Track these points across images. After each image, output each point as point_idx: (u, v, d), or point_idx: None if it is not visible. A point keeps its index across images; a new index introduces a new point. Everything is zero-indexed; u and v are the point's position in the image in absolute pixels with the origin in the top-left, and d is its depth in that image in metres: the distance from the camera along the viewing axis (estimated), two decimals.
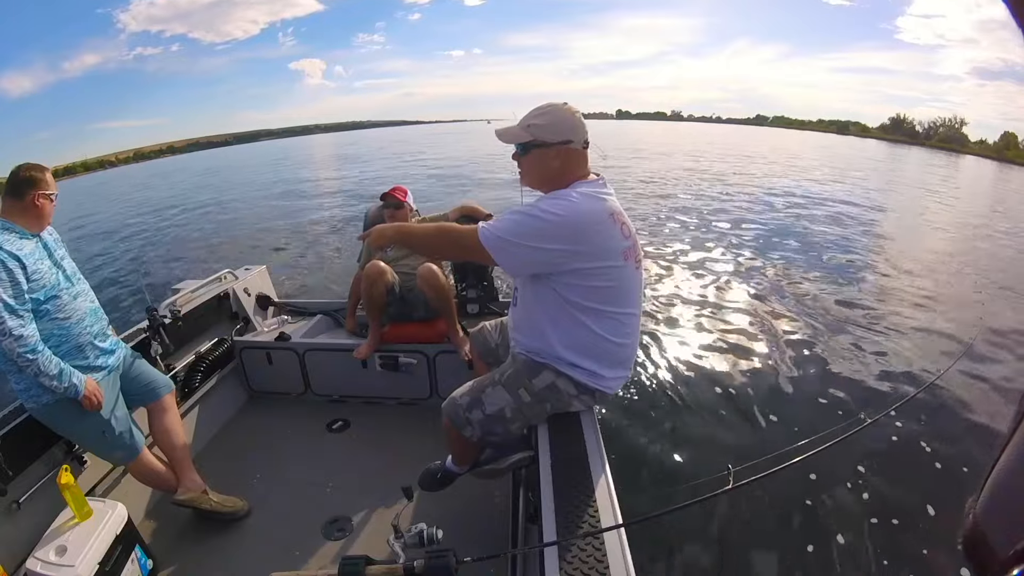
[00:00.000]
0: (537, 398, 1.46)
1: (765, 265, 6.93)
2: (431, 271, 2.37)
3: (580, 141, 1.38)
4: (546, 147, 1.37)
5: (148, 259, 8.70)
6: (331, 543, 1.86)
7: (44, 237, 1.70)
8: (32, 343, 1.53)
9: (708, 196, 13.08)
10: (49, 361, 1.56)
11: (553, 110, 1.38)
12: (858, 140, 73.86)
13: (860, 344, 4.53)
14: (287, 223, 10.66)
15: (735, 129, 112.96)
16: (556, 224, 1.29)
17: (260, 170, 27.81)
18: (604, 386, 1.47)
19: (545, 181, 1.42)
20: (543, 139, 1.37)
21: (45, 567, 1.44)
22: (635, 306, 1.46)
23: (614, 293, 1.38)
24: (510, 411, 1.47)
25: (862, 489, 2.70)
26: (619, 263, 1.36)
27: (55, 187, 1.70)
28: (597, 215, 1.33)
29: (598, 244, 1.33)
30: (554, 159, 1.37)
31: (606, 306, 1.39)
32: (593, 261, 1.33)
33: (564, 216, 1.29)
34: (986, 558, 0.34)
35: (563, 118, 1.37)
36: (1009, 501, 0.36)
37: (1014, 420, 0.37)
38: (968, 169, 33.80)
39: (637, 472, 2.82)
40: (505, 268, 1.44)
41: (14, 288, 1.51)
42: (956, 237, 9.99)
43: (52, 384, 1.57)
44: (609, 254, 1.34)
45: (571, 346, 1.43)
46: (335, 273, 6.59)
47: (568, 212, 1.29)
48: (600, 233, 1.32)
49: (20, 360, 1.51)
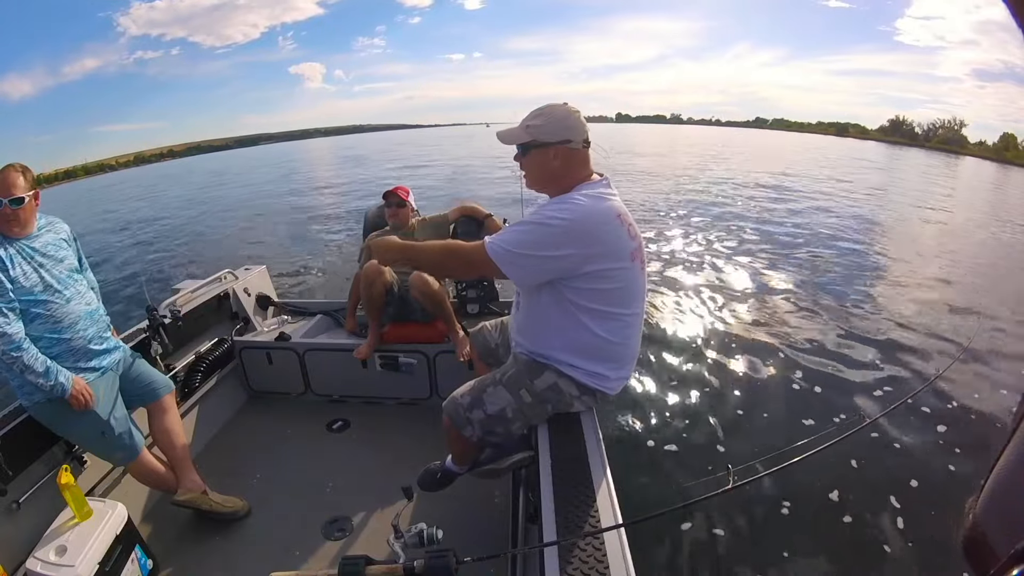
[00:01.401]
0: (539, 399, 1.46)
1: (764, 266, 6.93)
2: (422, 279, 2.36)
3: (580, 140, 1.37)
4: (545, 147, 1.36)
5: (148, 259, 8.70)
6: (331, 543, 1.86)
7: (22, 243, 1.64)
8: (16, 341, 1.52)
9: (710, 195, 13.08)
10: (35, 359, 1.56)
11: (551, 110, 1.38)
12: (857, 142, 73.77)
13: (859, 344, 4.53)
14: (287, 223, 10.66)
15: (735, 132, 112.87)
16: (564, 229, 1.27)
17: (262, 172, 27.80)
18: (606, 387, 1.47)
19: (547, 182, 1.42)
20: (542, 139, 1.36)
21: (45, 567, 1.44)
22: (639, 307, 1.45)
23: (619, 295, 1.38)
24: (511, 411, 1.46)
25: (862, 489, 2.70)
26: (626, 264, 1.35)
27: (23, 189, 1.60)
28: (604, 215, 1.32)
29: (608, 245, 1.31)
30: (554, 159, 1.36)
31: (611, 307, 1.38)
32: (603, 263, 1.31)
33: (571, 220, 1.28)
34: (986, 558, 0.34)
35: (561, 118, 1.37)
36: (1009, 501, 0.36)
37: (1014, 420, 0.37)
38: (967, 170, 33.78)
39: (637, 472, 2.82)
40: (516, 281, 1.40)
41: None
42: (955, 238, 9.99)
43: (39, 382, 1.57)
44: (618, 255, 1.33)
45: (574, 348, 1.42)
46: (335, 273, 6.60)
47: (575, 215, 1.28)
48: (609, 234, 1.31)
49: (5, 358, 1.52)
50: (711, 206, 11.57)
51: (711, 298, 5.66)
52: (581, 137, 1.37)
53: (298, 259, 7.69)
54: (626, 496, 1.19)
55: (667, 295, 5.71)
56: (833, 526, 2.49)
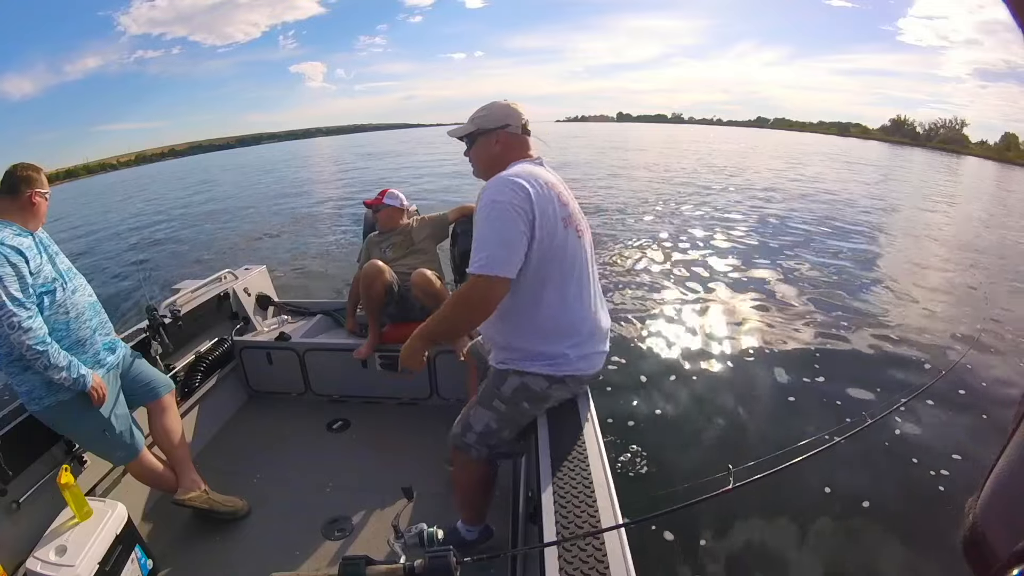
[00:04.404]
0: (511, 403, 1.48)
1: (765, 266, 6.93)
2: (425, 277, 2.36)
3: (517, 125, 1.47)
4: (487, 133, 1.48)
5: (148, 259, 8.70)
6: (331, 543, 1.86)
7: (38, 235, 1.71)
8: (41, 335, 1.53)
9: (713, 194, 13.08)
10: (58, 353, 1.57)
11: (492, 103, 1.51)
12: (859, 141, 73.70)
13: (860, 344, 4.53)
14: (287, 223, 10.66)
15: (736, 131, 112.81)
16: (511, 197, 1.30)
17: (263, 172, 27.80)
18: (576, 369, 1.47)
19: (490, 166, 1.48)
20: (485, 127, 1.48)
21: (45, 567, 1.44)
22: (583, 276, 1.46)
23: (559, 265, 1.39)
24: (495, 423, 1.51)
25: (862, 489, 2.70)
26: (561, 230, 1.37)
27: (48, 187, 1.73)
28: (534, 176, 1.35)
29: (542, 209, 1.32)
30: (495, 144, 1.47)
31: (554, 278, 1.39)
32: (539, 231, 1.32)
33: (510, 186, 1.31)
34: (986, 558, 0.34)
35: (500, 107, 1.49)
36: (1009, 501, 0.36)
37: (1014, 420, 0.37)
38: (969, 169, 33.76)
39: (637, 472, 2.82)
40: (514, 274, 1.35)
41: (19, 281, 1.52)
42: (956, 238, 9.98)
43: (61, 376, 1.57)
44: (552, 220, 1.35)
45: (531, 332, 1.43)
46: (335, 273, 6.60)
47: (508, 182, 1.32)
48: (542, 196, 1.33)
49: (29, 353, 1.51)
50: (711, 206, 11.56)
51: (712, 298, 5.66)
52: (519, 122, 1.47)
53: (298, 259, 7.69)
54: (626, 496, 1.19)
55: (667, 295, 5.71)
56: (833, 526, 2.49)
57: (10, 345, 1.51)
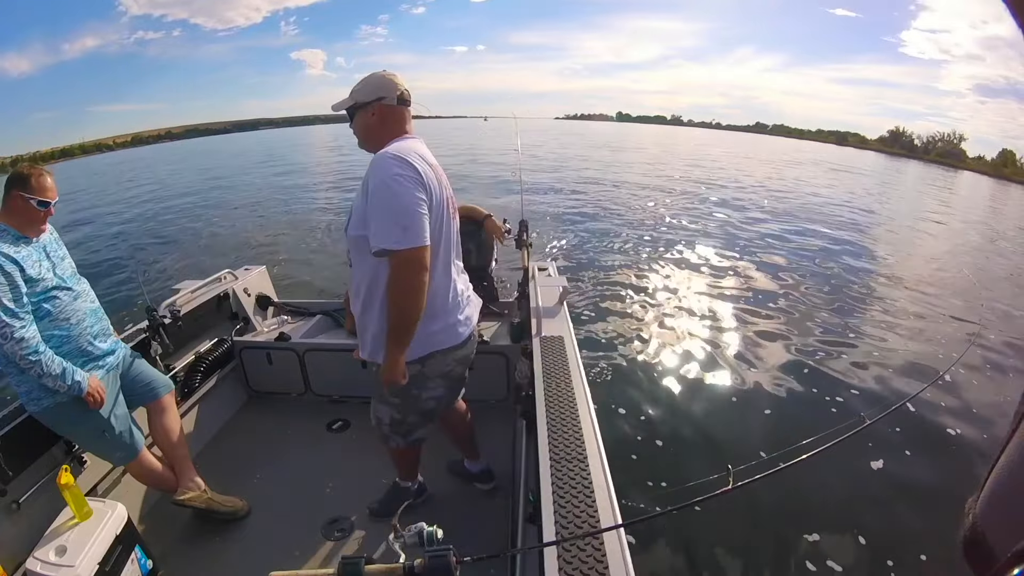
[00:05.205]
0: (399, 394, 1.57)
1: (766, 268, 6.94)
2: None
3: (393, 97, 1.47)
4: (364, 106, 1.49)
5: (148, 259, 8.69)
6: (331, 543, 1.86)
7: (44, 238, 1.69)
8: (34, 345, 1.52)
9: (712, 198, 13.08)
10: (52, 361, 1.56)
11: (369, 76, 1.51)
12: (856, 151, 73.50)
13: (860, 345, 4.53)
14: (287, 223, 10.65)
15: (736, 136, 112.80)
16: (406, 170, 1.33)
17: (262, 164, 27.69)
18: (442, 341, 1.52)
19: (369, 139, 1.51)
20: (361, 100, 1.49)
21: (45, 567, 1.44)
22: (455, 258, 1.55)
23: (443, 248, 1.45)
24: (398, 413, 1.63)
25: (862, 489, 2.70)
26: (444, 210, 1.44)
27: (48, 193, 1.63)
28: (419, 154, 1.40)
29: (430, 186, 1.38)
30: (372, 116, 1.48)
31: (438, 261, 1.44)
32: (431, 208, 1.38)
33: (399, 162, 1.34)
34: (986, 558, 0.34)
35: (376, 79, 1.49)
36: (1009, 501, 0.36)
37: (1014, 420, 0.37)
38: (964, 184, 33.75)
39: (637, 472, 2.82)
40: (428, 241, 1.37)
41: (13, 291, 1.51)
42: (955, 243, 9.99)
43: (56, 384, 1.57)
44: (440, 198, 1.41)
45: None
46: (335, 273, 6.59)
47: (397, 159, 1.34)
48: (428, 175, 1.38)
49: (23, 363, 1.51)
50: (710, 206, 11.56)
51: (712, 299, 5.66)
52: (394, 94, 1.47)
53: (298, 259, 7.69)
54: (626, 496, 1.19)
55: (668, 295, 5.71)
56: (832, 527, 2.49)
57: (4, 353, 1.51)
